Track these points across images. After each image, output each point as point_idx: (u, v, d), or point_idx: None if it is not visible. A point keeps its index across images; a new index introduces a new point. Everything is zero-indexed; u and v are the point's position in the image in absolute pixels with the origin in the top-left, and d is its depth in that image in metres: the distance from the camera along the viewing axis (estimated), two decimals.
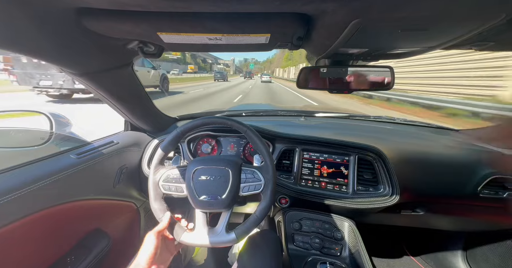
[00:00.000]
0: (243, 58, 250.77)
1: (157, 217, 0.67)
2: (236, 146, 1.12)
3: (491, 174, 0.93)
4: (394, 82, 0.75)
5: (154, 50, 0.61)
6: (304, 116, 1.44)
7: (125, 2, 0.37)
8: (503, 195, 0.93)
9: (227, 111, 1.59)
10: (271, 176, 0.69)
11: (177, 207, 1.39)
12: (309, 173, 1.03)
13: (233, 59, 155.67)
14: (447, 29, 0.45)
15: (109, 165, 0.91)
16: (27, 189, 0.60)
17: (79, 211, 0.77)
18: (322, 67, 0.75)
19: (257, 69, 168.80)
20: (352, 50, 0.60)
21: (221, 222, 0.68)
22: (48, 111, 0.92)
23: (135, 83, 0.84)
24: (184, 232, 0.66)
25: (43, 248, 0.67)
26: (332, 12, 0.40)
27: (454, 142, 1.14)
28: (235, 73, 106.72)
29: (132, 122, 1.07)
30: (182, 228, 0.67)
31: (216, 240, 0.65)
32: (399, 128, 1.35)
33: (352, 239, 0.88)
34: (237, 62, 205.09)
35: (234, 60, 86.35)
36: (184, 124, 0.72)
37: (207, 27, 0.47)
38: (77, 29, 0.47)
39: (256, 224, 0.66)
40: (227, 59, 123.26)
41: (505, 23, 0.42)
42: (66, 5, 0.40)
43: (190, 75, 45.56)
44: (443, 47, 0.56)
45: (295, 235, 0.91)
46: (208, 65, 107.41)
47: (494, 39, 0.55)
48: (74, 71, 0.63)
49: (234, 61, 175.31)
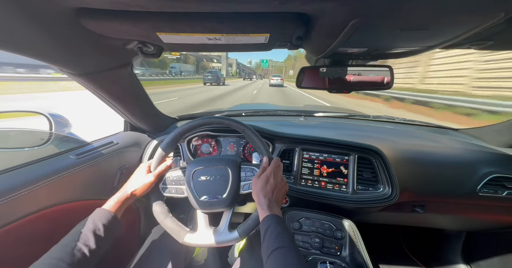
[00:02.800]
0: (259, 59, 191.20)
1: (158, 220, 0.67)
2: (236, 146, 1.12)
3: (491, 173, 0.93)
4: (394, 82, 0.76)
5: (153, 50, 0.61)
6: (304, 116, 1.44)
7: (124, 2, 0.37)
8: (502, 193, 0.93)
9: (226, 111, 1.59)
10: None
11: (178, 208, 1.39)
12: (309, 173, 1.03)
13: (233, 59, 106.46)
14: (446, 29, 0.45)
15: (109, 165, 0.91)
16: (27, 189, 0.60)
17: (79, 212, 0.77)
18: (321, 67, 0.75)
19: (277, 70, 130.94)
20: (351, 49, 0.60)
21: (224, 221, 0.68)
22: (47, 112, 0.92)
23: (134, 83, 0.84)
24: (187, 233, 0.66)
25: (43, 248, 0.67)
26: (331, 11, 0.40)
27: (454, 141, 1.14)
28: (238, 75, 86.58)
29: (131, 122, 1.07)
30: (185, 230, 0.67)
31: (219, 240, 0.65)
32: (398, 127, 1.35)
33: (352, 239, 0.88)
34: (253, 64, 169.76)
35: (236, 61, 71.41)
36: (183, 125, 0.72)
37: (207, 27, 0.47)
38: (76, 29, 0.47)
39: (258, 221, 0.67)
40: (232, 58, 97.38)
41: (504, 22, 0.42)
42: (65, 5, 0.40)
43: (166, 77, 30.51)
44: (442, 46, 0.56)
45: (295, 235, 0.91)
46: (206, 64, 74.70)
47: (493, 38, 0.56)
48: (73, 71, 0.63)
49: (251, 63, 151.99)
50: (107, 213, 0.57)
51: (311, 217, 0.97)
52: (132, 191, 0.65)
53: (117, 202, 0.61)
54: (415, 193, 0.96)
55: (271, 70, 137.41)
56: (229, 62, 74.71)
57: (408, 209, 1.02)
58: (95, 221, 0.54)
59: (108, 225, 0.55)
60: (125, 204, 0.63)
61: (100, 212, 0.57)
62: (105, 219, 0.56)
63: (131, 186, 0.66)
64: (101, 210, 0.58)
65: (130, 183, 0.67)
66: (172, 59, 43.76)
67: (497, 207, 0.98)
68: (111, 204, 0.60)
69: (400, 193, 0.92)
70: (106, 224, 0.55)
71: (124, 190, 0.65)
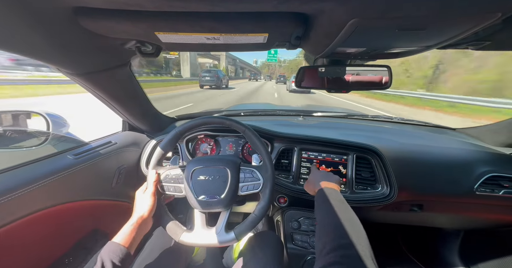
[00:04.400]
0: (265, 59, 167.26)
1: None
2: (235, 146, 1.12)
3: (487, 172, 0.94)
4: (392, 82, 0.76)
5: (152, 49, 0.61)
6: (303, 116, 1.44)
7: (122, 2, 0.37)
8: (499, 192, 0.94)
9: (225, 111, 1.59)
10: (270, 175, 0.69)
11: (177, 208, 1.39)
12: (308, 172, 1.03)
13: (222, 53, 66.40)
14: (444, 29, 0.45)
15: (107, 165, 0.90)
16: (24, 190, 0.59)
17: (77, 212, 0.77)
18: (320, 67, 0.75)
19: (285, 70, 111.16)
20: (350, 49, 0.60)
21: (220, 221, 0.68)
22: (44, 112, 0.92)
23: (133, 83, 0.84)
24: (183, 232, 0.66)
25: (41, 249, 0.67)
26: (330, 11, 0.40)
27: (451, 141, 1.15)
28: (234, 74, 69.99)
29: (130, 122, 1.07)
30: (181, 228, 0.67)
31: (215, 240, 0.65)
32: (396, 127, 1.36)
33: None
34: (259, 64, 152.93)
35: (225, 55, 46.94)
36: (184, 124, 0.72)
37: (205, 27, 0.47)
38: (74, 28, 0.47)
39: (255, 223, 0.67)
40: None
41: (501, 22, 0.42)
42: (63, 5, 0.40)
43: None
44: (440, 46, 0.56)
45: (294, 234, 0.91)
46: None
47: (491, 38, 0.56)
48: (71, 71, 0.62)
49: (257, 63, 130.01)
50: (118, 249, 0.53)
51: (310, 217, 0.97)
52: (141, 216, 0.62)
53: (130, 233, 0.58)
54: (413, 192, 0.97)
55: (278, 69, 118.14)
56: (217, 57, 54.33)
57: (406, 208, 1.03)
58: (104, 257, 0.51)
59: (119, 262, 0.51)
60: (139, 232, 0.60)
61: (110, 247, 0.54)
62: (114, 255, 0.52)
63: (138, 212, 0.63)
64: (112, 244, 0.54)
65: (136, 210, 0.65)
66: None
67: (494, 206, 0.98)
68: (122, 237, 0.56)
69: (398, 192, 0.92)
70: (115, 262, 0.51)
71: (131, 220, 0.62)
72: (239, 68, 79.46)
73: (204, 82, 15.62)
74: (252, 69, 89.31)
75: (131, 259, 0.57)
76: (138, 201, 0.67)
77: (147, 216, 0.63)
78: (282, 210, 1.03)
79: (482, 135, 1.21)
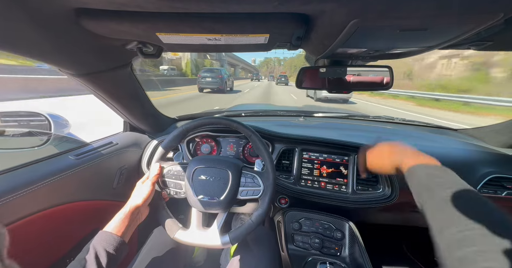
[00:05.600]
0: (263, 58, 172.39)
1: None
2: (236, 146, 1.12)
3: (490, 173, 0.93)
4: (393, 82, 0.76)
5: (153, 50, 0.61)
6: (304, 116, 1.44)
7: (123, 3, 0.37)
8: (501, 194, 0.93)
9: (226, 111, 1.59)
10: (271, 183, 0.68)
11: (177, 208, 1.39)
12: (309, 173, 1.03)
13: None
14: (445, 29, 0.45)
15: (108, 165, 0.90)
16: (26, 190, 0.60)
17: (79, 212, 0.77)
18: (321, 67, 0.75)
19: (288, 70, 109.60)
20: (351, 50, 0.60)
21: (216, 223, 0.68)
22: (46, 113, 0.92)
23: (134, 84, 0.84)
24: (179, 230, 0.67)
25: (42, 249, 0.67)
26: (330, 12, 0.40)
27: (453, 141, 1.14)
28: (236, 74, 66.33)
29: (131, 123, 1.07)
30: (177, 225, 0.68)
31: (209, 241, 0.65)
32: (398, 128, 1.36)
33: (352, 239, 0.88)
34: (257, 63, 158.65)
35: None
36: (188, 123, 0.73)
37: (206, 28, 0.47)
38: (75, 29, 0.47)
39: (251, 230, 0.67)
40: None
41: (503, 23, 0.42)
42: (64, 6, 0.40)
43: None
44: (441, 47, 0.56)
45: (295, 235, 0.91)
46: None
47: (492, 38, 0.56)
48: (72, 72, 0.63)
49: (255, 62, 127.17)
50: (111, 237, 0.52)
51: (311, 218, 0.96)
52: (134, 205, 0.62)
53: (121, 221, 0.56)
54: None
55: (278, 68, 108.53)
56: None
57: (408, 209, 1.02)
58: (96, 246, 0.49)
59: (113, 250, 0.50)
60: (132, 220, 0.59)
61: (102, 236, 0.51)
62: (108, 244, 0.50)
63: (132, 200, 0.63)
64: (104, 233, 0.52)
65: (131, 198, 0.65)
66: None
67: None
68: (114, 225, 0.55)
69: (399, 193, 0.92)
70: (109, 250, 0.49)
71: (123, 209, 0.62)
72: (225, 63, 60.43)
73: (204, 85, 12.72)
74: (246, 66, 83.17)
75: (126, 248, 0.55)
76: (135, 190, 0.67)
77: (141, 204, 0.62)
78: (283, 210, 1.03)
79: (484, 135, 1.21)
